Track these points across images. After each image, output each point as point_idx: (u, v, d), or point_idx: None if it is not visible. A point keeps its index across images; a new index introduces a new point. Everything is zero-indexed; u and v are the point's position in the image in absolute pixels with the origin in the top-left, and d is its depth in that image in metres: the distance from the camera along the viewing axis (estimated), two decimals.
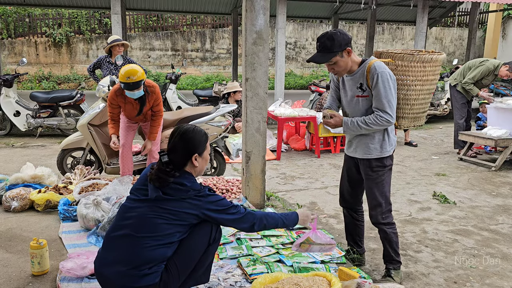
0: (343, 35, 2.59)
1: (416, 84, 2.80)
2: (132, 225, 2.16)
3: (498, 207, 4.42)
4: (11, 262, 2.95)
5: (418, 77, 2.79)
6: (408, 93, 2.81)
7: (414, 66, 2.77)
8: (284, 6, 9.45)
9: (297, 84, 17.46)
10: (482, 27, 18.13)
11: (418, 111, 2.90)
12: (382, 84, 2.55)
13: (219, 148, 5.16)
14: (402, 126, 2.92)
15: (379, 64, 2.59)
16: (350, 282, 2.33)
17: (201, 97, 9.11)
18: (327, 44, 2.59)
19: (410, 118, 2.90)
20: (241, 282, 2.65)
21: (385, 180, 2.77)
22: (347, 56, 2.62)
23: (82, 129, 4.81)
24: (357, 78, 2.69)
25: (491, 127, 6.13)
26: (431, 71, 2.82)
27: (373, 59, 2.68)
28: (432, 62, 2.79)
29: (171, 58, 17.12)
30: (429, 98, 2.94)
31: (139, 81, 4.11)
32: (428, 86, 2.86)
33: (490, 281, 2.89)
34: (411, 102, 2.84)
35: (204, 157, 2.34)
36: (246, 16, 3.66)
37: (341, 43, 2.57)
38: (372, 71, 2.58)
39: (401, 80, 2.79)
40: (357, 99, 2.70)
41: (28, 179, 4.32)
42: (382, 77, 2.55)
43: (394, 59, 2.77)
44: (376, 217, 2.80)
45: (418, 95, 2.84)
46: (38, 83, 15.31)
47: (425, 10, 9.69)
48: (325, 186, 5.09)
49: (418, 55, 2.77)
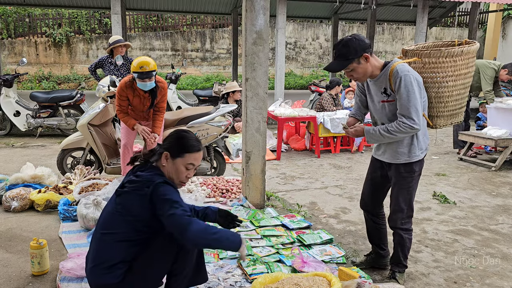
0: (359, 41, 2.52)
1: (448, 81, 2.61)
2: (99, 222, 2.23)
3: (498, 207, 4.42)
4: (11, 262, 2.95)
5: (449, 72, 2.59)
6: (440, 91, 2.63)
7: (443, 62, 2.57)
8: (284, 6, 9.45)
9: (297, 84, 17.46)
10: (482, 27, 18.12)
11: (454, 108, 2.71)
12: (405, 88, 2.44)
13: (219, 148, 5.16)
14: (438, 125, 2.74)
15: (401, 67, 2.50)
16: (350, 282, 2.33)
17: (201, 97, 9.11)
18: (342, 51, 2.53)
19: (446, 116, 2.71)
20: (241, 282, 2.65)
21: (412, 186, 2.69)
22: (365, 62, 2.54)
23: (82, 129, 4.81)
24: (381, 83, 2.60)
25: (491, 127, 6.13)
26: (463, 64, 2.60)
27: (396, 62, 2.57)
28: (463, 55, 2.57)
29: (171, 58, 17.12)
30: (465, 93, 2.72)
31: (152, 71, 4.15)
32: (462, 80, 2.64)
33: (490, 281, 2.89)
34: (445, 100, 2.65)
35: (176, 164, 2.19)
36: (246, 16, 3.66)
37: (357, 49, 2.50)
38: (395, 74, 2.49)
39: (430, 78, 2.62)
40: (383, 104, 2.62)
41: (28, 179, 4.32)
42: (405, 81, 2.45)
43: (420, 57, 2.61)
44: (395, 222, 2.73)
45: (452, 92, 2.64)
46: (38, 83, 15.32)
47: (425, 10, 9.70)
48: (325, 186, 5.09)
49: (447, 50, 2.56)
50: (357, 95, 2.93)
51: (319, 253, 3.09)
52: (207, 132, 4.89)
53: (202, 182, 4.58)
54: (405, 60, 2.63)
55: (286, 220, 3.65)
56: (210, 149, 5.14)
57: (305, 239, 3.26)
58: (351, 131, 2.75)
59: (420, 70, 2.64)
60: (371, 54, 2.56)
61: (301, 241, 3.27)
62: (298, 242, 3.28)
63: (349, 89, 8.02)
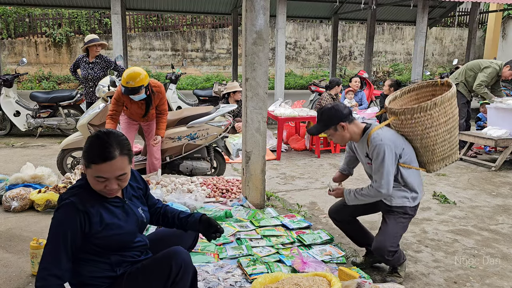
0: (337, 111, 2.69)
1: (428, 132, 2.64)
2: None
3: (498, 207, 4.42)
4: (11, 262, 2.95)
5: (428, 125, 2.62)
6: (424, 142, 2.68)
7: (419, 117, 2.60)
8: (284, 6, 9.45)
9: (297, 84, 17.46)
10: (482, 27, 18.13)
11: (443, 152, 2.74)
12: (377, 157, 2.60)
13: (219, 148, 5.16)
14: (433, 170, 2.81)
15: (375, 136, 2.62)
16: (350, 282, 2.33)
17: (201, 97, 9.11)
18: (321, 117, 2.76)
19: (438, 161, 2.77)
20: (241, 282, 2.65)
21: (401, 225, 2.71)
22: (342, 130, 2.72)
23: (82, 129, 4.82)
24: (362, 147, 2.78)
25: (491, 127, 6.13)
26: (441, 114, 2.60)
27: (374, 127, 2.69)
28: (436, 107, 2.58)
29: (171, 58, 17.12)
30: (451, 137, 2.71)
31: (138, 86, 4.10)
32: (444, 128, 2.64)
33: (490, 281, 2.89)
34: (431, 148, 2.71)
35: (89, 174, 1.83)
36: (246, 16, 3.66)
37: (333, 118, 2.69)
38: (371, 142, 2.65)
39: (411, 132, 2.69)
40: (369, 166, 2.77)
41: (28, 179, 4.32)
42: (378, 150, 2.60)
43: (396, 115, 2.69)
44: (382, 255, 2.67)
45: (436, 140, 2.67)
46: (38, 83, 15.32)
47: (425, 10, 9.69)
48: (325, 186, 5.08)
49: (419, 106, 2.57)
50: (347, 150, 3.07)
51: (319, 253, 3.09)
52: (207, 132, 4.90)
53: (202, 182, 4.58)
54: (382, 124, 2.74)
55: (286, 220, 3.65)
56: (210, 149, 5.14)
57: (305, 239, 3.26)
58: (333, 194, 2.95)
59: (400, 126, 2.72)
60: (351, 122, 2.72)
61: (301, 241, 3.27)
62: (298, 242, 3.28)
63: (349, 89, 8.01)
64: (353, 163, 3.06)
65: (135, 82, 4.07)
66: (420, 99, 2.95)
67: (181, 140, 4.85)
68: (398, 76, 18.30)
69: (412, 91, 2.97)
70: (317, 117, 2.81)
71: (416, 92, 2.97)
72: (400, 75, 18.55)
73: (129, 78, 4.07)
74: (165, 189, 4.32)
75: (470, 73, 6.43)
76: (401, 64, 19.63)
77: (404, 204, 2.71)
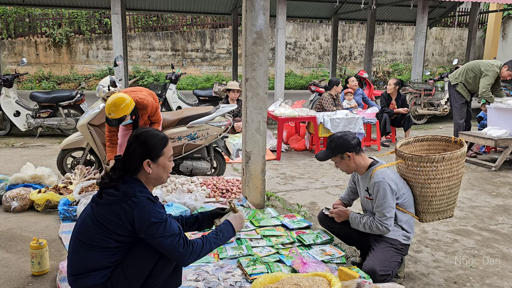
0: (345, 141, 2.75)
1: (430, 183, 2.70)
2: (76, 227, 2.13)
3: (498, 207, 4.42)
4: (11, 262, 2.95)
5: (431, 176, 2.69)
6: (423, 191, 2.75)
7: (425, 166, 2.68)
8: (284, 6, 9.45)
9: (297, 84, 17.47)
10: (482, 27, 18.13)
11: (439, 206, 2.80)
12: (378, 194, 2.66)
13: (219, 148, 5.16)
14: (425, 220, 2.86)
15: (379, 174, 2.69)
16: (350, 282, 2.33)
17: (201, 97, 9.12)
18: (330, 144, 2.82)
19: (432, 213, 2.82)
20: (241, 282, 2.65)
21: (390, 253, 2.69)
22: (348, 160, 2.77)
23: (82, 129, 4.81)
24: (364, 182, 2.84)
25: (491, 127, 6.12)
26: (446, 169, 2.67)
27: (379, 165, 2.76)
28: (444, 162, 2.65)
29: (171, 58, 17.12)
30: (451, 193, 2.78)
31: (120, 118, 4.00)
32: (446, 183, 2.71)
33: (490, 281, 2.89)
34: (428, 199, 2.76)
35: (160, 163, 2.11)
36: (246, 16, 3.66)
37: (341, 147, 2.75)
38: (373, 179, 2.70)
39: (414, 179, 2.76)
40: (367, 200, 2.84)
41: (28, 179, 4.32)
42: (379, 187, 2.65)
43: (404, 159, 2.76)
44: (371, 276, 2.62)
45: (435, 192, 2.73)
46: (38, 83, 15.32)
47: (425, 10, 9.69)
48: (325, 186, 5.09)
49: (427, 157, 2.64)
50: (349, 181, 3.11)
51: (319, 253, 3.08)
52: (207, 132, 4.90)
53: (202, 182, 4.58)
54: (389, 164, 2.79)
55: (286, 220, 3.65)
56: (210, 149, 5.14)
57: (305, 239, 3.26)
58: (335, 211, 2.94)
59: (404, 170, 2.80)
60: (358, 153, 2.78)
61: (301, 241, 3.27)
62: (298, 242, 3.28)
63: (348, 91, 7.97)
64: (353, 195, 3.12)
65: (116, 114, 3.96)
66: (431, 150, 3.06)
67: (181, 140, 4.85)
68: (398, 76, 18.30)
69: (426, 140, 3.07)
70: (327, 144, 2.88)
71: (429, 142, 3.07)
72: (400, 75, 18.55)
73: (111, 110, 3.94)
74: (165, 189, 4.32)
75: (471, 74, 6.43)
76: (401, 64, 19.63)
77: (396, 237, 2.75)
